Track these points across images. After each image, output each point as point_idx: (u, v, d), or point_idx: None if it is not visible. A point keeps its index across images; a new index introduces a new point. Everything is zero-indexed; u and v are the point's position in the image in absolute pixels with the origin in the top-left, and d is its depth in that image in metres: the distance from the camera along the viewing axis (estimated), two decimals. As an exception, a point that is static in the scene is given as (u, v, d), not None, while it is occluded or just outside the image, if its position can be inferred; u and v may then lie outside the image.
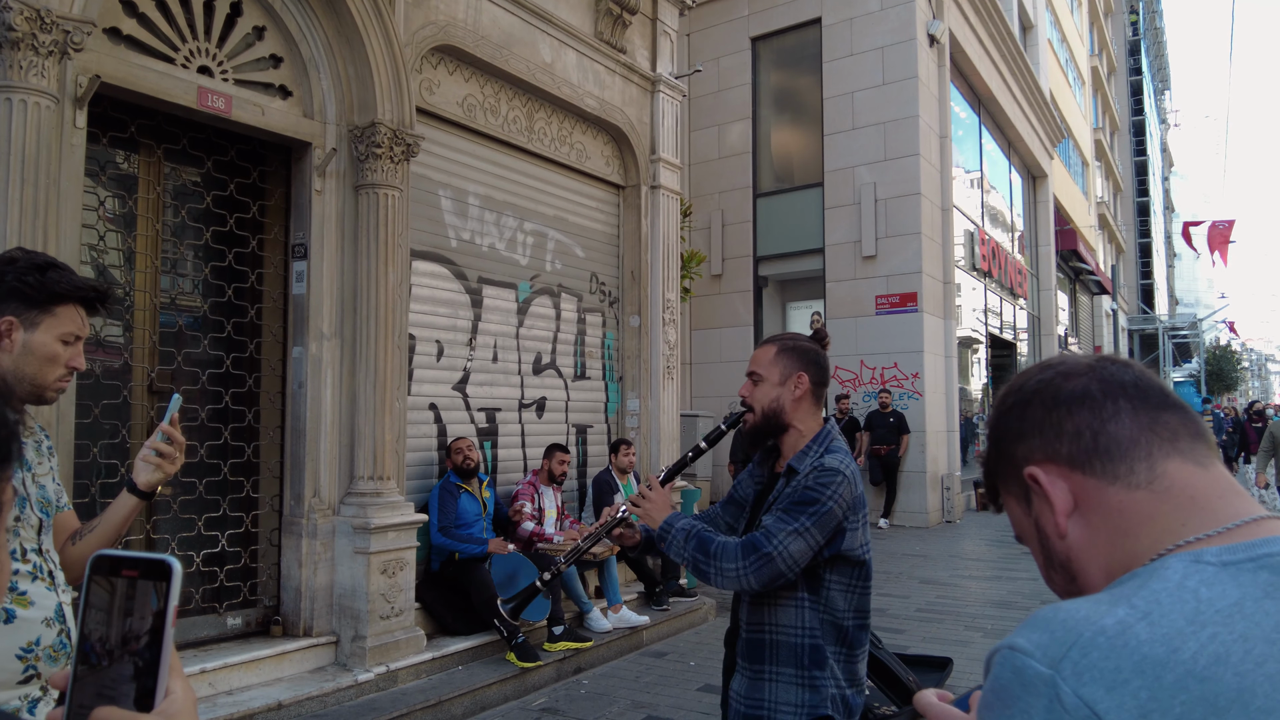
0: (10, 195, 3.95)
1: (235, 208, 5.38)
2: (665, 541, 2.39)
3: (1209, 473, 0.89)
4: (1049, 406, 0.94)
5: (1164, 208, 52.16)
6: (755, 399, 2.46)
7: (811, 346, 2.51)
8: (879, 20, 13.45)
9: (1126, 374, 0.94)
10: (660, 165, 8.15)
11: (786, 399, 2.43)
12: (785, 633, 2.32)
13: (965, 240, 16.03)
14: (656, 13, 8.22)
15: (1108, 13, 38.92)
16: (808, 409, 2.45)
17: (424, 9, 6.04)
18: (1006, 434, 0.99)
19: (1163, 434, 0.90)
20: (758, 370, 2.47)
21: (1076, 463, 0.91)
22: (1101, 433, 0.90)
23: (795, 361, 2.45)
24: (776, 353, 2.47)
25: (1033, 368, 1.02)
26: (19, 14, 3.92)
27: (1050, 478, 0.92)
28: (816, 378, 2.46)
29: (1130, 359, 1.01)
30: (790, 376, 2.44)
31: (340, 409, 5.47)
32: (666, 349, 8.18)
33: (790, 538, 2.23)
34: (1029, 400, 0.97)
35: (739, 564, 2.25)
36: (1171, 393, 0.94)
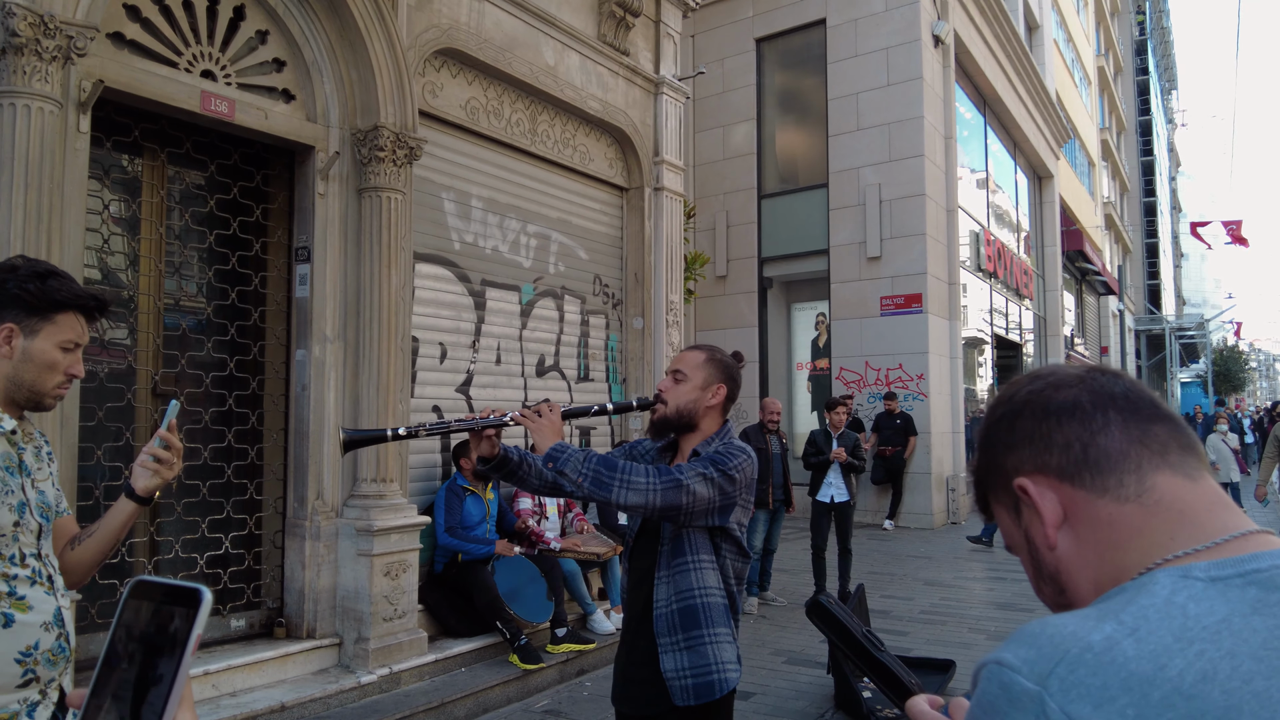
0: (14, 200, 3.97)
1: (239, 211, 5.40)
2: (558, 460, 2.43)
3: (1198, 486, 0.89)
4: (1039, 418, 0.94)
5: (1171, 207, 52.00)
6: (673, 395, 2.62)
7: (735, 364, 2.72)
8: (883, 21, 13.44)
9: (1117, 385, 0.94)
10: (663, 167, 8.15)
11: (702, 403, 2.62)
12: (712, 594, 2.49)
13: (970, 241, 16.01)
14: (660, 15, 8.22)
15: (1114, 12, 38.81)
16: (715, 416, 2.65)
17: (427, 12, 6.05)
18: (997, 444, 0.99)
19: (1153, 446, 0.90)
20: (683, 369, 2.64)
21: (1066, 474, 0.91)
22: (1091, 445, 0.90)
23: (720, 373, 2.64)
24: (705, 359, 2.66)
25: (1023, 378, 1.02)
26: (23, 19, 3.94)
27: (1040, 489, 0.92)
28: (732, 392, 2.68)
29: (1121, 370, 1.01)
30: (712, 385, 2.62)
31: (343, 411, 5.49)
32: (670, 351, 8.17)
33: (699, 480, 2.40)
34: (1019, 411, 0.97)
35: (650, 480, 2.38)
36: (1162, 404, 0.94)
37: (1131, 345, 37.52)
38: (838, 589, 7.93)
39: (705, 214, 14.90)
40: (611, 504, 2.37)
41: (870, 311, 13.58)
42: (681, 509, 2.40)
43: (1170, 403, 25.70)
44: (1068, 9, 26.98)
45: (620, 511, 2.61)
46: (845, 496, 8.06)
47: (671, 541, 2.52)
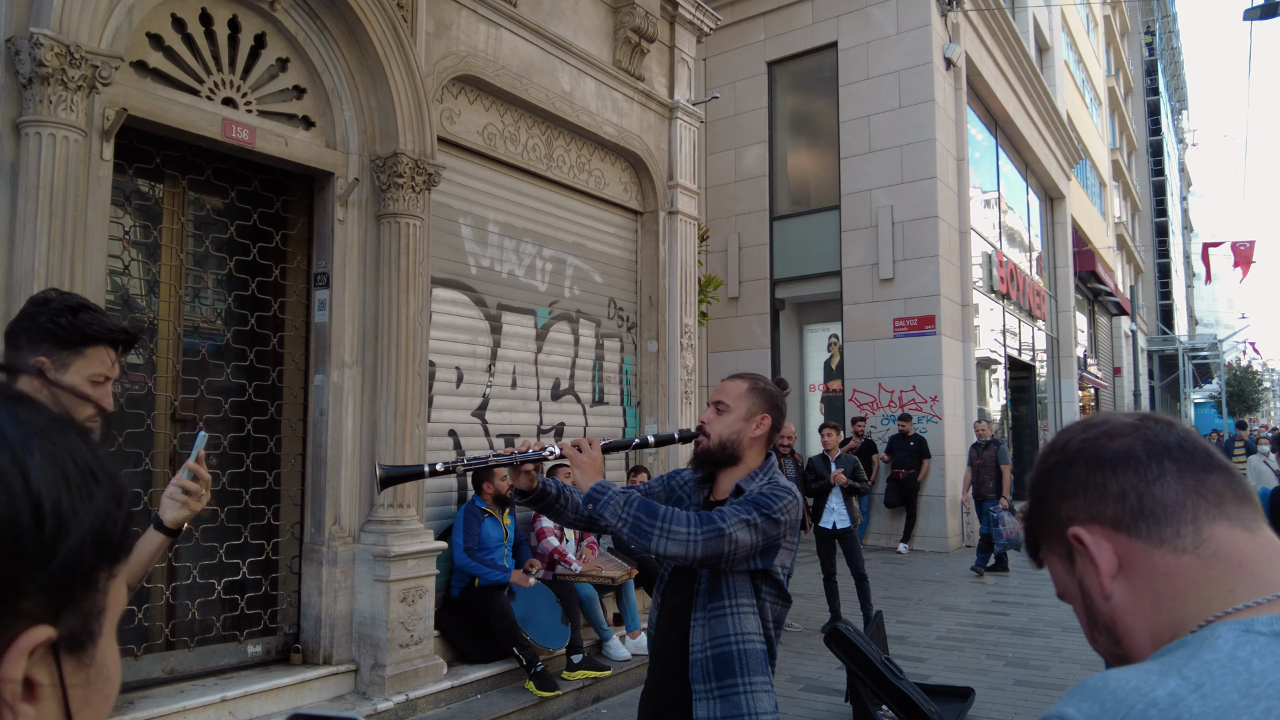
0: (39, 228, 4.00)
1: (258, 237, 5.43)
2: (598, 501, 2.36)
3: (1256, 537, 0.88)
4: (1093, 467, 0.94)
5: (1183, 227, 51.90)
6: (715, 427, 2.53)
7: (778, 392, 2.61)
8: (895, 44, 13.49)
9: (1171, 435, 0.94)
10: (678, 191, 8.18)
11: (746, 434, 2.51)
12: (751, 640, 2.39)
13: (983, 262, 15.98)
14: (674, 40, 8.27)
15: (1124, 33, 38.90)
16: (760, 448, 2.55)
17: (445, 40, 6.10)
18: (1050, 492, 0.98)
19: (1209, 497, 0.89)
20: (725, 400, 2.55)
21: (1121, 524, 0.90)
22: (1147, 495, 0.90)
23: (763, 402, 2.55)
24: (748, 389, 2.55)
25: (1075, 425, 1.02)
26: (49, 50, 3.98)
27: (1095, 539, 0.91)
28: (776, 422, 2.56)
29: (1173, 419, 1.00)
30: (756, 415, 2.53)
31: (361, 436, 5.50)
32: (684, 374, 8.17)
33: (741, 526, 2.30)
34: (1073, 460, 0.96)
35: (690, 530, 2.28)
36: (1216, 454, 0.94)
37: (1144, 366, 37.35)
38: (862, 617, 7.84)
39: (717, 236, 14.92)
40: (650, 553, 2.29)
41: (883, 333, 13.56)
42: (723, 557, 2.31)
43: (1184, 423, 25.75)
44: (1078, 30, 27.05)
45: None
46: (847, 522, 7.98)
47: (709, 582, 2.42)
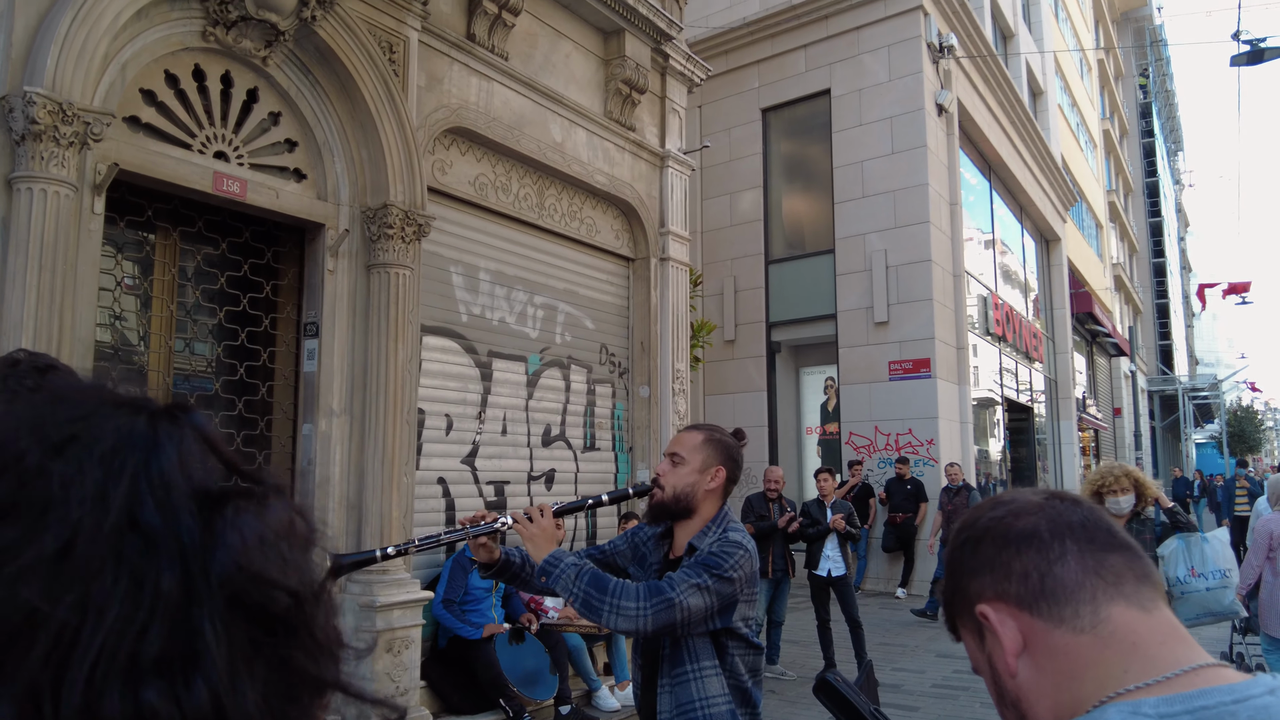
0: (29, 282, 4.05)
1: (249, 287, 5.49)
2: (550, 575, 2.34)
3: (1152, 618, 0.90)
4: (999, 545, 0.96)
5: (1181, 268, 52.09)
6: (669, 479, 2.50)
7: (734, 443, 2.58)
8: (887, 91, 13.66)
9: (1075, 513, 0.96)
10: (669, 238, 8.25)
11: (701, 487, 2.48)
12: (716, 704, 2.36)
13: (978, 305, 16.05)
14: (665, 91, 8.40)
15: (1118, 76, 39.34)
16: (715, 500, 2.51)
17: (437, 93, 6.20)
18: (961, 569, 1.00)
19: (1108, 577, 0.91)
20: (680, 452, 2.52)
21: (1024, 603, 0.92)
22: (1048, 574, 0.92)
23: (719, 454, 2.51)
24: (704, 440, 2.52)
25: (986, 503, 1.04)
26: (42, 108, 4.06)
27: (1000, 617, 0.93)
28: (732, 474, 2.53)
29: (1080, 497, 1.02)
30: (711, 467, 2.49)
31: (348, 485, 5.51)
32: (677, 419, 8.19)
33: (692, 591, 2.27)
34: (981, 538, 0.99)
35: (640, 604, 2.26)
36: (1119, 533, 0.96)
37: (1145, 406, 37.29)
38: (856, 665, 7.78)
39: (713, 279, 15.01)
40: (602, 629, 2.30)
41: (879, 376, 13.57)
42: (677, 625, 2.28)
43: (1186, 464, 25.33)
44: (1071, 74, 27.36)
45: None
46: (842, 569, 7.91)
47: (671, 648, 2.40)
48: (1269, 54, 12.79)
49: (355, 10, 5.52)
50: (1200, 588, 4.56)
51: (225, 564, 0.49)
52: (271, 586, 0.51)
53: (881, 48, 13.76)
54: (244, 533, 0.51)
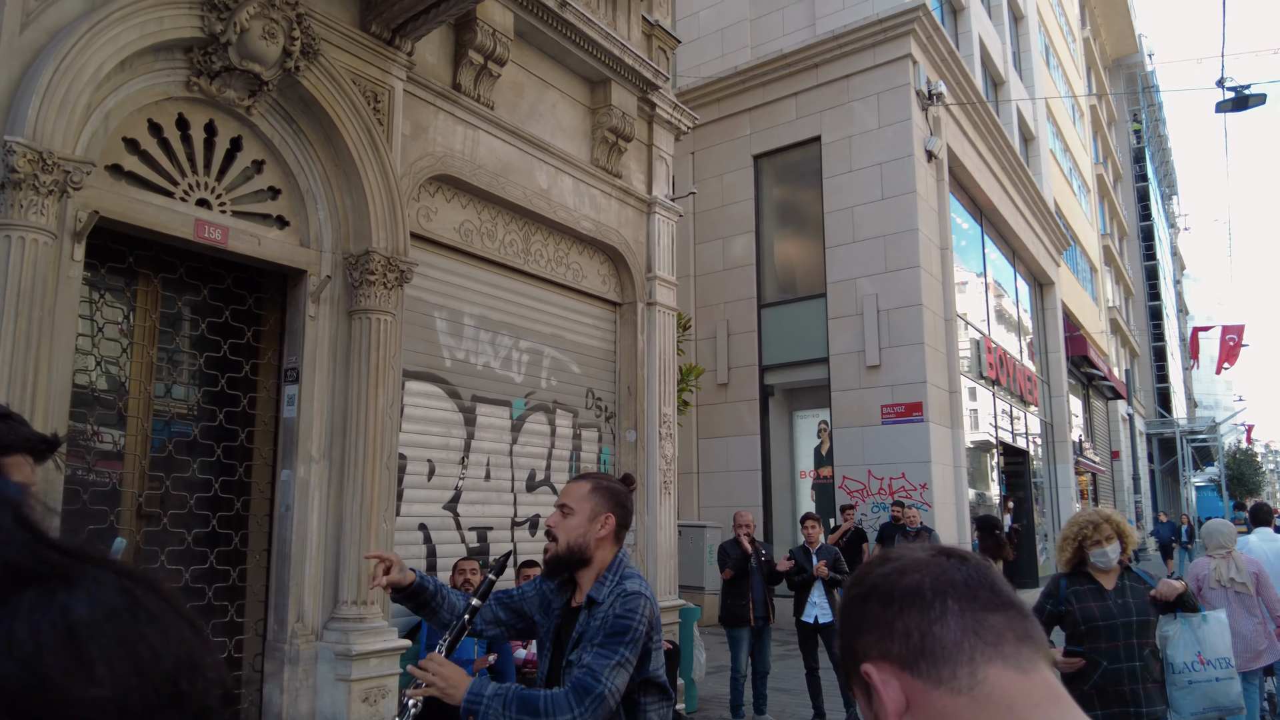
0: (4, 328, 4.07)
1: (230, 333, 5.50)
2: (477, 713, 2.31)
3: (1029, 679, 0.89)
4: (884, 603, 0.96)
5: (1177, 310, 52.24)
6: (562, 531, 2.55)
7: (622, 489, 2.64)
8: (877, 138, 13.81)
9: (959, 572, 0.95)
10: (656, 283, 8.29)
11: (592, 535, 2.54)
12: None
13: (971, 349, 16.08)
14: (652, 139, 8.49)
15: (1111, 122, 39.79)
16: (609, 546, 2.57)
17: (422, 141, 6.27)
18: (849, 627, 1.00)
19: (987, 638, 0.90)
20: (569, 503, 2.57)
21: (906, 663, 0.91)
22: (928, 634, 0.91)
23: (606, 502, 2.57)
24: (590, 490, 2.59)
25: (876, 559, 1.03)
26: (22, 156, 4.10)
27: (883, 676, 0.92)
28: (622, 519, 2.60)
29: (969, 554, 1.02)
30: (600, 516, 2.55)
31: (326, 532, 5.48)
32: (663, 464, 8.17)
33: (614, 672, 2.32)
34: (868, 595, 0.98)
35: (575, 712, 2.28)
36: (1003, 592, 0.95)
37: (1143, 449, 37.20)
38: (845, 713, 7.66)
39: (706, 323, 15.06)
40: None
41: (871, 420, 13.56)
42: (612, 710, 2.32)
43: (1186, 508, 25.07)
44: (1063, 120, 27.68)
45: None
46: (829, 616, 7.80)
47: None
48: (1253, 100, 12.94)
49: (339, 61, 5.60)
50: (1210, 677, 4.14)
51: (8, 664, 0.40)
52: (70, 704, 0.41)
53: (871, 95, 13.93)
54: (41, 625, 0.41)
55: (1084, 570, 4.21)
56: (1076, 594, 4.20)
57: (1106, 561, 4.14)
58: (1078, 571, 4.24)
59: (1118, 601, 4.11)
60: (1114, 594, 4.14)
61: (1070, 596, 4.21)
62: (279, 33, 5.07)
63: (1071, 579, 4.26)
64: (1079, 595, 4.19)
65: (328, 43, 5.53)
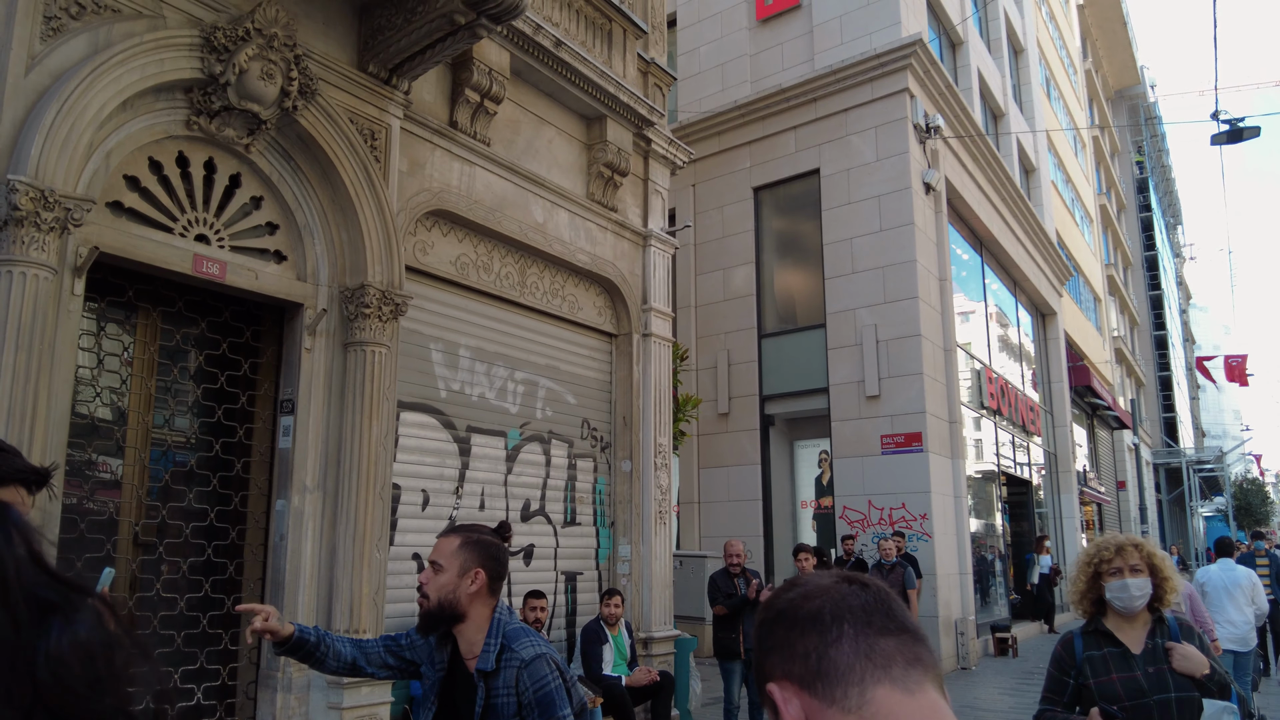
0: (4, 361, 4.18)
1: (227, 365, 5.61)
2: None
3: (914, 700, 0.97)
4: (788, 626, 1.04)
5: (1183, 339, 52.16)
6: (432, 588, 2.51)
7: (493, 541, 2.60)
8: (874, 171, 13.96)
9: (858, 598, 1.04)
10: (652, 314, 8.40)
11: (463, 591, 2.49)
12: None
13: (972, 379, 16.13)
14: (648, 173, 8.63)
15: (1114, 152, 39.98)
16: (483, 601, 2.53)
17: (419, 178, 6.41)
18: (760, 648, 1.08)
19: (878, 660, 0.98)
20: (439, 560, 2.53)
21: (805, 683, 1.00)
22: (824, 656, 0.99)
23: (475, 557, 2.52)
24: (459, 546, 2.54)
25: (786, 584, 1.12)
26: (24, 194, 4.23)
27: (785, 695, 1.01)
28: (494, 572, 2.55)
29: (871, 580, 1.10)
30: (469, 571, 2.50)
31: (319, 561, 5.55)
32: (659, 494, 8.23)
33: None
34: (775, 619, 1.07)
35: None
36: (898, 616, 1.03)
37: (1150, 479, 37.02)
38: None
39: (707, 353, 15.16)
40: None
41: (871, 450, 13.59)
42: None
43: (1194, 539, 24.78)
44: (1065, 151, 27.85)
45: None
46: None
47: None
48: (1247, 133, 13.07)
49: (337, 100, 5.75)
50: None
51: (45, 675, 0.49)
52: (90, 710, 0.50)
53: (869, 129, 14.10)
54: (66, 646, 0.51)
55: (1104, 627, 3.13)
56: (1092, 663, 3.08)
57: (1127, 600, 3.03)
58: (1096, 629, 3.14)
59: (1148, 671, 2.99)
60: (1143, 659, 3.02)
61: (1085, 665, 3.09)
62: (277, 73, 5.22)
63: (1088, 639, 3.14)
64: (1096, 665, 3.07)
65: (325, 82, 5.68)
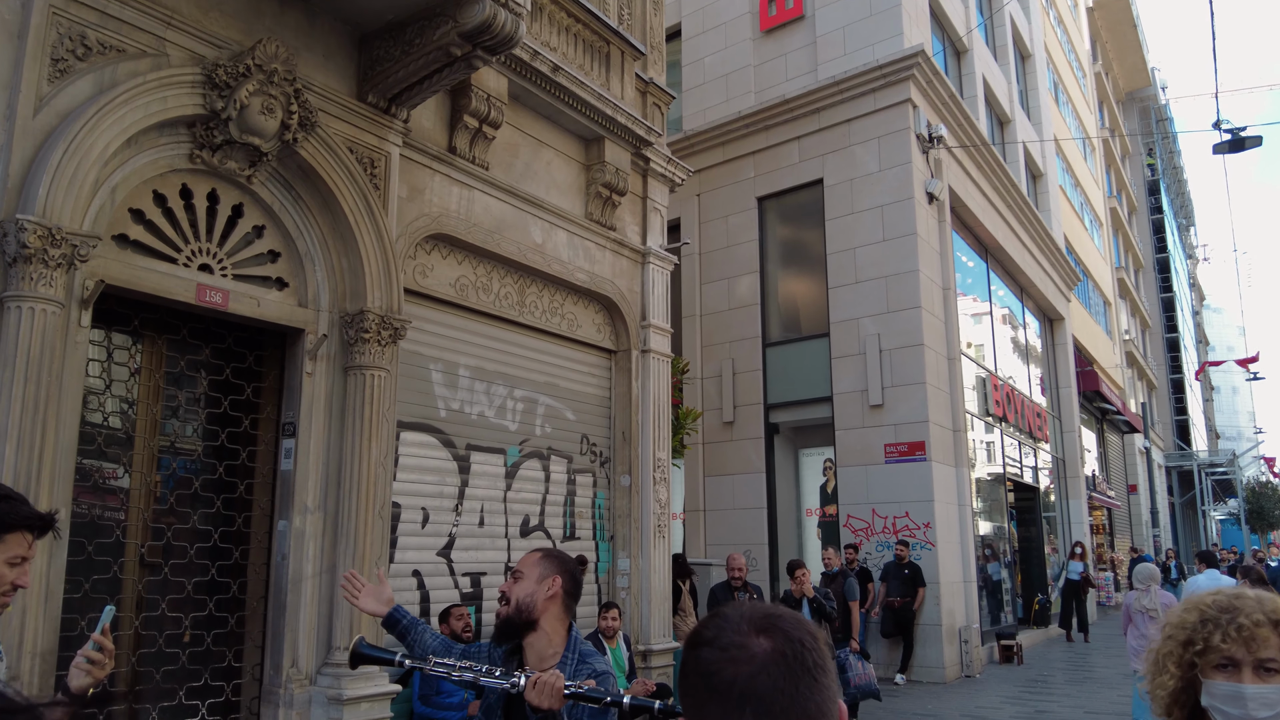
0: (14, 393, 4.34)
1: (230, 390, 5.77)
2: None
3: None
4: (703, 693, 1.11)
5: (1196, 342, 51.90)
6: (512, 592, 2.73)
7: (571, 560, 2.83)
8: (877, 181, 14.05)
9: (767, 678, 1.09)
10: (650, 330, 8.52)
11: (540, 596, 2.69)
12: None
13: (977, 387, 16.18)
14: (647, 191, 8.76)
15: (1125, 155, 39.84)
16: (556, 612, 2.72)
17: (418, 203, 6.56)
18: (679, 687, 1.17)
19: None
20: (521, 569, 2.76)
21: None
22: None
23: (554, 567, 2.75)
24: (541, 558, 2.78)
25: (718, 634, 1.15)
26: (32, 233, 4.39)
27: None
28: (569, 586, 2.75)
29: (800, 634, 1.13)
30: (547, 578, 2.71)
31: (320, 580, 5.70)
32: (658, 508, 8.36)
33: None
34: (690, 672, 1.13)
35: None
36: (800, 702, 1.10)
37: (1162, 482, 36.88)
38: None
39: (712, 362, 15.28)
40: None
41: (875, 459, 13.68)
42: None
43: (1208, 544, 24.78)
44: (1074, 156, 27.80)
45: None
46: None
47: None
48: (1249, 142, 13.10)
49: (336, 130, 5.90)
50: None
51: None
52: None
53: (871, 139, 14.18)
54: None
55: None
56: None
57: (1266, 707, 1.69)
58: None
59: None
60: None
61: None
62: (277, 107, 5.37)
63: None
64: None
65: (325, 113, 5.83)
